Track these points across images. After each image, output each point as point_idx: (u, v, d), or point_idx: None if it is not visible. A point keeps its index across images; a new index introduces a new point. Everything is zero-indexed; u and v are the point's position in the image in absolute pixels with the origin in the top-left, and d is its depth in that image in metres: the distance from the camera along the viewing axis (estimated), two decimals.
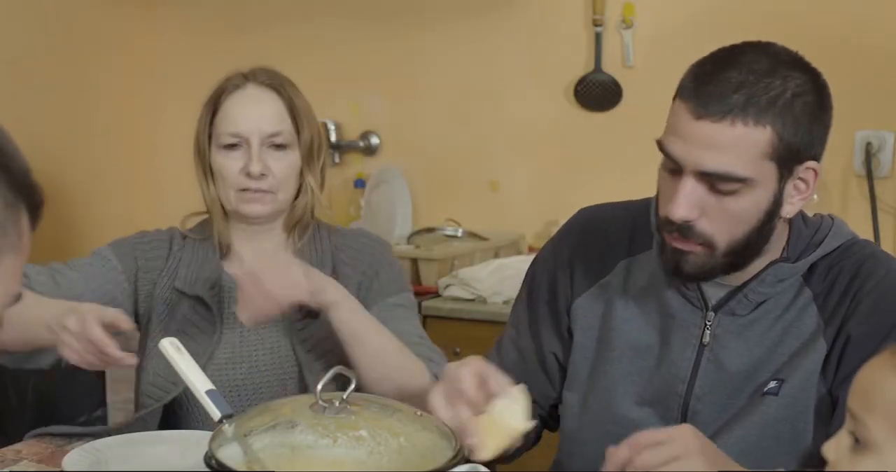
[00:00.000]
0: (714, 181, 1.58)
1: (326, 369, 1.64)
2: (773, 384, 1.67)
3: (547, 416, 1.91)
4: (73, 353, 1.74)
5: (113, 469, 1.72)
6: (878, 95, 3.18)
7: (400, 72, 3.68)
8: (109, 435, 1.94)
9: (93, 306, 1.79)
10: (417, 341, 2.04)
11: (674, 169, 1.62)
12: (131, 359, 1.75)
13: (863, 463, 1.18)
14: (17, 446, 1.92)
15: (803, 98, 1.60)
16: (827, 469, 1.23)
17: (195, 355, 1.83)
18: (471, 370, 1.58)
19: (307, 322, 2.04)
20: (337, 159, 3.73)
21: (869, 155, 3.16)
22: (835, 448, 1.21)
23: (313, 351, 2.03)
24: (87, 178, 3.70)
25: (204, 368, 1.93)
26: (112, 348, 1.73)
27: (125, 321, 1.76)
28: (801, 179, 1.64)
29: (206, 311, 2.06)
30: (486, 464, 1.51)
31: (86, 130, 3.70)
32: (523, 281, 1.93)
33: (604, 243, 1.83)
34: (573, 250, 1.85)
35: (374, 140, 3.73)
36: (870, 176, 3.15)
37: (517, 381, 1.84)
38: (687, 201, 1.59)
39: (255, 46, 3.66)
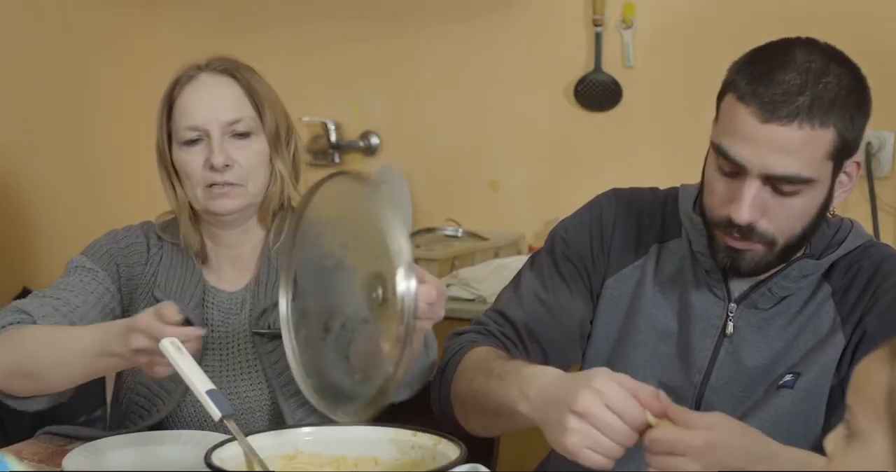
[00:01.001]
0: (778, 183, 1.60)
1: (300, 393, 1.62)
2: (788, 378, 1.69)
3: None
4: (162, 368, 1.66)
5: (113, 470, 1.72)
6: (878, 95, 3.16)
7: (400, 72, 3.67)
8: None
9: (144, 318, 1.66)
10: None
11: (733, 172, 1.62)
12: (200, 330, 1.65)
13: (851, 453, 1.20)
14: (17, 446, 1.92)
15: (855, 94, 1.64)
16: (828, 460, 1.25)
17: (175, 378, 1.81)
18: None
19: (276, 344, 1.95)
20: (337, 159, 3.73)
21: (869, 155, 3.16)
22: (833, 440, 1.23)
23: (285, 374, 1.93)
24: (87, 177, 3.70)
25: (185, 392, 1.93)
26: (192, 330, 1.62)
27: (173, 313, 1.63)
28: (845, 172, 1.68)
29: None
30: (485, 463, 1.51)
31: (85, 130, 3.70)
32: (550, 240, 1.89)
33: (640, 227, 1.84)
34: (613, 228, 1.85)
35: (374, 140, 3.73)
36: (870, 176, 3.15)
37: (537, 332, 1.83)
38: (752, 204, 1.60)
39: (254, 46, 3.66)
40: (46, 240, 3.55)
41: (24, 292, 3.35)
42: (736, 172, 1.62)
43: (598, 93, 3.45)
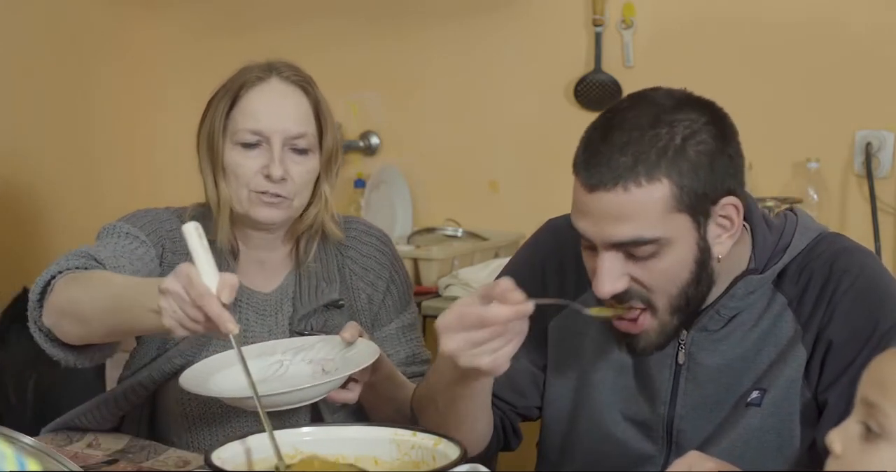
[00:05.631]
0: (628, 248, 1.54)
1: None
2: (755, 395, 1.65)
3: (519, 418, 1.87)
4: (174, 319, 1.53)
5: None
6: (878, 95, 3.18)
7: (400, 72, 3.68)
8: (106, 408, 1.94)
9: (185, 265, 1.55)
10: (425, 370, 2.01)
11: (588, 245, 1.58)
12: (235, 327, 1.52)
13: (875, 450, 1.18)
14: None
15: (696, 138, 1.53)
16: (832, 459, 1.22)
17: (186, 354, 1.83)
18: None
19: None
20: None
21: (869, 155, 3.16)
22: (842, 437, 1.21)
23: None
24: (87, 177, 3.70)
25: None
26: (216, 306, 1.50)
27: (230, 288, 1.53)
28: (722, 216, 1.58)
29: None
30: (485, 464, 1.51)
31: (85, 130, 3.70)
32: None
33: (577, 260, 1.75)
34: (545, 267, 1.81)
35: (374, 140, 3.73)
36: (870, 176, 3.15)
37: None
38: (609, 276, 1.55)
39: (254, 46, 3.63)
40: (47, 240, 3.55)
41: (25, 292, 3.35)
42: (590, 245, 1.58)
43: (598, 93, 3.45)
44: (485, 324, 1.48)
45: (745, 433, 1.65)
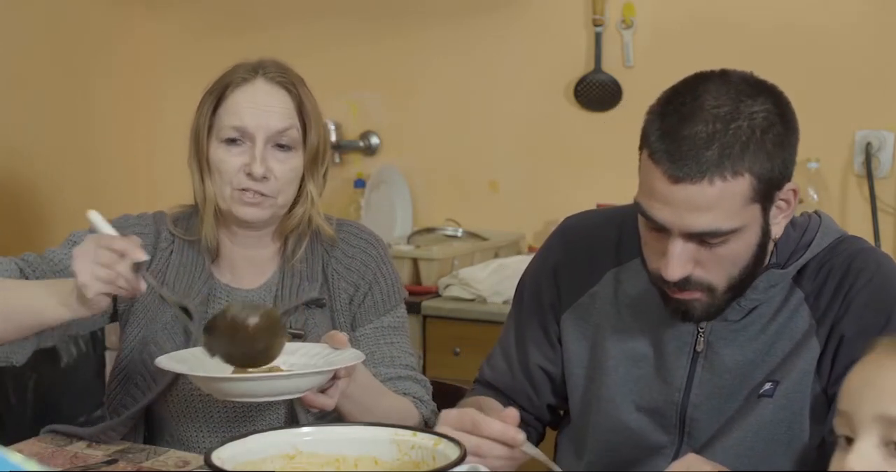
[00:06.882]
0: (703, 237, 1.57)
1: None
2: (767, 386, 1.67)
3: (539, 425, 1.92)
4: (92, 277, 1.68)
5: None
6: (878, 95, 3.18)
7: (400, 72, 3.68)
8: (107, 436, 1.93)
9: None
10: (407, 373, 2.01)
11: (658, 228, 1.60)
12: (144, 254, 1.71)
13: None
14: (18, 445, 1.92)
15: (772, 130, 1.57)
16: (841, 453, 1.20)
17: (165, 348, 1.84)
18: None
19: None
20: (337, 159, 3.73)
21: (869, 155, 3.16)
22: (866, 462, 1.17)
23: None
24: (86, 177, 3.70)
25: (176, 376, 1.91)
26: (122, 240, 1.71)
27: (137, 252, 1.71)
28: (782, 199, 1.63)
29: (188, 321, 1.95)
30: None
31: (85, 130, 3.70)
32: (516, 289, 1.92)
33: (589, 254, 1.81)
34: (558, 263, 1.85)
35: (374, 140, 3.73)
36: (870, 176, 3.15)
37: (504, 391, 1.88)
38: (679, 261, 1.58)
39: (254, 46, 3.63)
40: (46, 240, 3.55)
41: None
42: (660, 228, 1.59)
43: (598, 93, 3.45)
44: (477, 430, 1.56)
45: (757, 425, 1.67)
